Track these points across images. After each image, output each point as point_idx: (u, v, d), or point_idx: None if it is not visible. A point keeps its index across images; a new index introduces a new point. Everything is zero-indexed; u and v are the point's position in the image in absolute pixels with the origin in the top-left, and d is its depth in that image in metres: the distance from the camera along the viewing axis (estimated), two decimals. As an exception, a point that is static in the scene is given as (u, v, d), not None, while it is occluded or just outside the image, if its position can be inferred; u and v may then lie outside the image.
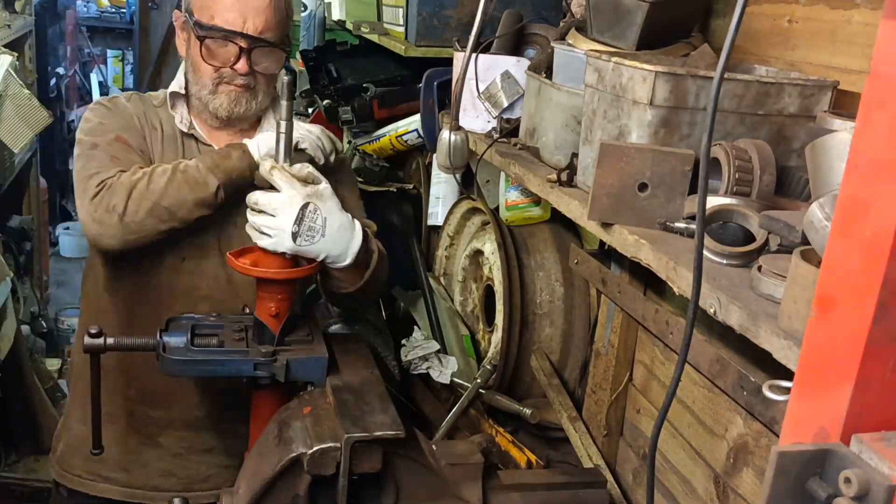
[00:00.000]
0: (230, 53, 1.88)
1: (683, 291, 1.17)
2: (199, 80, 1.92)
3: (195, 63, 1.91)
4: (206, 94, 1.92)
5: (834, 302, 0.71)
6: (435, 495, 1.59)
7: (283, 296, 1.69)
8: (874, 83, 0.68)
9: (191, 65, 1.94)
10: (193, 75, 1.94)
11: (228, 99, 1.92)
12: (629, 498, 2.00)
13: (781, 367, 0.98)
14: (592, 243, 2.22)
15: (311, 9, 4.07)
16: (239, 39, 1.86)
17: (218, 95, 1.92)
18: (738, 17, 0.93)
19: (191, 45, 1.92)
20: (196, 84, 1.93)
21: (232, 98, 1.92)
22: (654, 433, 1.18)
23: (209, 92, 1.92)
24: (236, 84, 1.91)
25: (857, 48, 1.43)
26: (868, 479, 0.63)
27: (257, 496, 1.48)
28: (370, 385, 1.66)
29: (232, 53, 1.88)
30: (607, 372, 2.05)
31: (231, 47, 1.87)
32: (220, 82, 1.91)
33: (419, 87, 2.36)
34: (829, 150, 1.14)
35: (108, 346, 1.66)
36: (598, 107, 1.49)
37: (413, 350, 2.53)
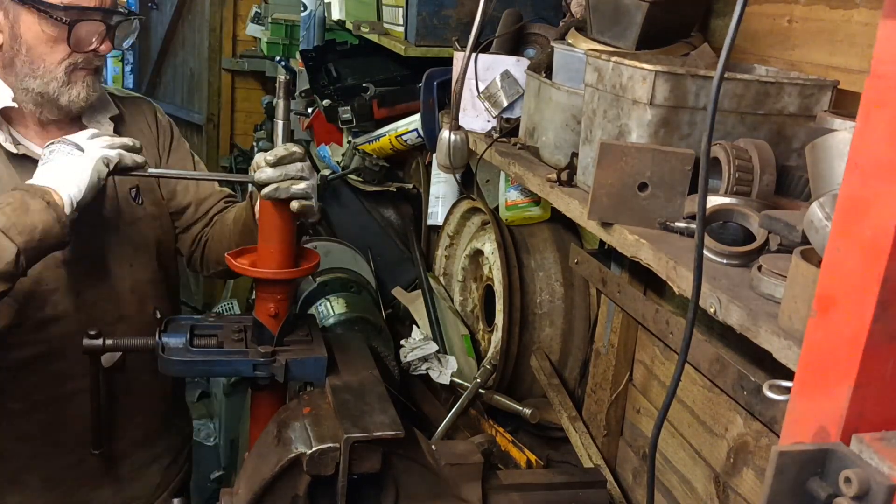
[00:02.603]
0: (92, 34, 1.63)
1: (683, 291, 1.17)
2: (44, 72, 1.63)
3: (36, 53, 1.61)
4: (55, 87, 1.64)
5: (834, 302, 0.71)
6: (435, 495, 1.59)
7: (282, 296, 1.69)
8: (874, 83, 0.68)
9: (25, 55, 1.62)
10: (31, 68, 1.63)
11: (85, 86, 1.67)
12: (629, 498, 2.00)
13: (781, 366, 0.98)
14: (592, 243, 2.22)
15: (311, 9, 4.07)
16: (101, 16, 1.63)
17: (73, 85, 1.65)
18: (738, 16, 0.93)
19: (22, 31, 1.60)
20: (38, 78, 1.63)
21: (89, 84, 1.67)
22: (654, 433, 1.18)
23: (61, 83, 1.64)
24: (91, 68, 1.67)
25: (857, 48, 1.43)
26: (868, 478, 0.63)
27: (257, 496, 1.48)
28: (370, 385, 1.66)
29: (94, 33, 1.63)
30: (607, 372, 2.05)
31: (94, 26, 1.63)
32: (74, 69, 1.65)
33: (419, 87, 2.36)
34: (829, 150, 1.14)
35: (107, 347, 1.66)
36: (598, 106, 1.49)
37: (412, 351, 2.53)
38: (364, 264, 3.09)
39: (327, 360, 1.68)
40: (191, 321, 1.73)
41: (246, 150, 6.27)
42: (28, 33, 1.61)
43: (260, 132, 5.86)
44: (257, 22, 5.83)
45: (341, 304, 2.73)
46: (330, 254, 2.97)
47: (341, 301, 2.74)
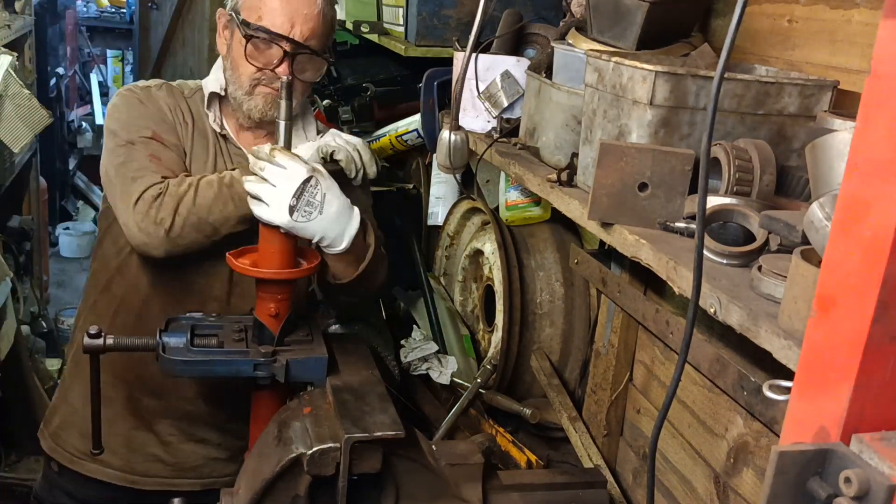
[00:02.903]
0: (273, 56, 1.87)
1: (683, 291, 1.17)
2: (237, 79, 1.92)
3: (235, 62, 1.91)
4: (241, 95, 1.92)
5: (834, 302, 0.71)
6: (435, 495, 1.59)
7: (282, 296, 1.69)
8: (874, 83, 0.68)
9: (230, 64, 1.93)
10: (232, 74, 1.93)
11: (264, 101, 1.91)
12: (629, 498, 2.00)
13: (781, 366, 0.98)
14: (592, 243, 2.22)
15: (311, 9, 4.06)
16: (284, 43, 1.85)
17: (254, 97, 1.91)
18: (738, 16, 0.93)
19: (233, 44, 1.92)
20: (233, 84, 1.93)
21: (268, 101, 1.91)
22: (654, 433, 1.18)
23: (245, 93, 1.91)
24: (274, 87, 1.89)
25: (857, 48, 1.43)
26: (868, 478, 0.63)
27: (257, 496, 1.48)
28: (370, 385, 1.66)
29: (275, 56, 1.87)
30: (607, 372, 2.05)
31: (275, 50, 1.87)
32: (257, 84, 1.90)
33: (419, 87, 2.36)
34: (829, 150, 1.14)
35: (107, 347, 1.66)
36: (598, 106, 1.49)
37: (412, 351, 2.53)
38: (364, 264, 3.09)
39: (328, 360, 1.69)
40: (191, 321, 1.73)
41: (246, 151, 6.25)
42: (234, 46, 1.91)
43: (260, 132, 5.85)
44: (257, 22, 5.82)
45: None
46: (330, 254, 2.96)
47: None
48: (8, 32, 4.47)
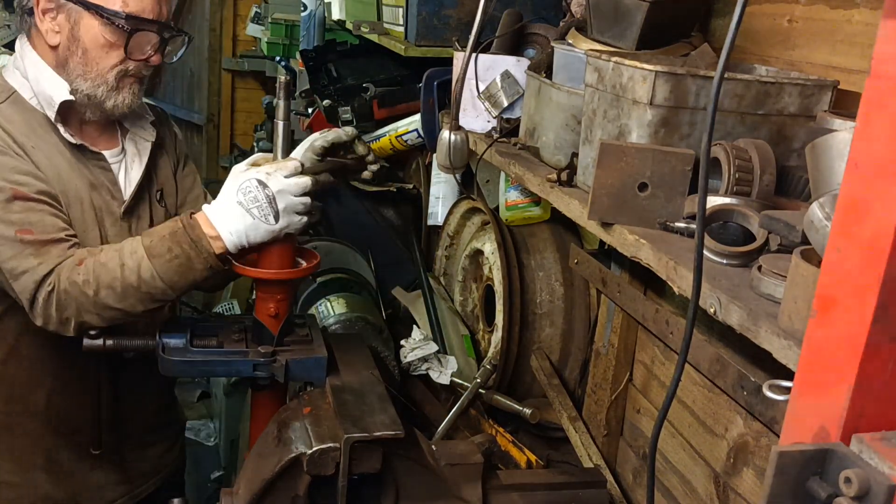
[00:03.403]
0: (146, 44, 1.70)
1: (683, 291, 1.17)
2: (95, 75, 1.69)
3: (91, 56, 1.68)
4: (104, 91, 1.70)
5: (834, 302, 0.71)
6: (435, 495, 1.59)
7: (282, 296, 1.69)
8: (874, 83, 0.68)
9: (80, 57, 1.68)
10: (84, 69, 1.69)
11: (132, 93, 1.73)
12: (629, 498, 2.00)
13: (781, 366, 0.98)
14: (592, 243, 2.22)
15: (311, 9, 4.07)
16: (157, 29, 1.69)
17: (121, 91, 1.72)
18: (738, 16, 0.93)
19: (80, 33, 1.67)
20: (89, 80, 1.69)
21: (135, 92, 1.74)
22: (654, 433, 1.18)
23: (110, 88, 1.70)
24: (140, 76, 1.73)
25: (857, 48, 1.43)
26: (868, 478, 0.63)
27: (257, 496, 1.48)
28: (370, 385, 1.66)
29: (148, 44, 1.70)
30: (607, 372, 2.05)
31: (149, 37, 1.69)
32: (124, 75, 1.71)
33: (419, 87, 2.36)
34: (829, 150, 1.14)
35: (107, 347, 1.66)
36: (598, 106, 1.49)
37: (412, 351, 2.53)
38: (364, 264, 3.09)
39: (327, 360, 1.69)
40: (191, 321, 1.73)
41: (246, 151, 6.26)
42: (86, 36, 1.67)
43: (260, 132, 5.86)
44: (257, 22, 5.83)
45: (341, 304, 2.73)
46: (330, 254, 2.97)
47: (341, 301, 2.74)
48: (8, 32, 4.47)
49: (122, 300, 1.60)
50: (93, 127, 1.81)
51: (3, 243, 1.59)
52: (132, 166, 1.86)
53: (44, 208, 1.64)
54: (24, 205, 1.61)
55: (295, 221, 1.62)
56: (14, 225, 1.59)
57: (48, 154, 1.71)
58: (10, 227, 1.59)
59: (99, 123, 1.81)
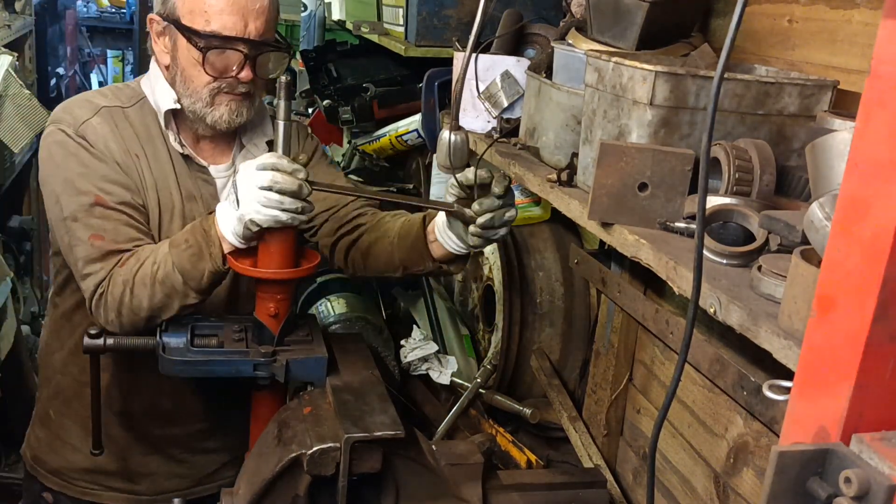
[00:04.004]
0: (231, 61, 1.72)
1: (683, 291, 1.17)
2: (192, 91, 1.75)
3: (187, 73, 1.74)
4: (201, 107, 1.76)
5: (834, 302, 0.71)
6: (435, 495, 1.59)
7: (282, 296, 1.69)
8: (874, 83, 0.68)
9: (180, 75, 1.76)
10: (185, 86, 1.76)
11: (229, 110, 1.77)
12: (629, 498, 2.00)
13: (781, 366, 0.98)
14: (592, 243, 2.22)
15: (311, 9, 4.08)
16: (241, 46, 1.71)
17: (217, 107, 1.76)
18: (738, 17, 0.93)
19: (178, 53, 1.74)
20: (188, 96, 1.76)
21: (233, 109, 1.77)
22: (654, 433, 1.18)
23: (206, 104, 1.76)
24: (236, 93, 1.76)
25: (857, 48, 1.43)
26: (868, 478, 0.63)
27: (257, 496, 1.48)
28: (370, 385, 1.66)
29: (234, 61, 1.72)
30: (607, 372, 2.05)
31: (232, 55, 1.71)
32: (217, 93, 1.75)
33: (419, 87, 2.36)
34: (829, 150, 1.14)
35: (107, 347, 1.66)
36: (598, 107, 1.49)
37: (412, 351, 2.53)
38: (364, 264, 3.09)
39: (328, 360, 1.69)
40: (191, 321, 1.73)
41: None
42: (182, 56, 1.74)
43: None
44: (257, 22, 5.82)
45: (341, 304, 2.73)
46: (330, 254, 2.96)
47: (341, 301, 2.74)
48: (8, 32, 4.47)
49: (151, 297, 1.64)
50: (208, 140, 1.87)
51: (78, 244, 1.69)
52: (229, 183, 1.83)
53: (121, 217, 1.70)
54: (103, 212, 1.69)
55: (262, 214, 1.57)
56: (91, 229, 1.68)
57: (155, 161, 1.79)
58: (88, 230, 1.68)
59: (214, 137, 1.87)
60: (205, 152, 1.87)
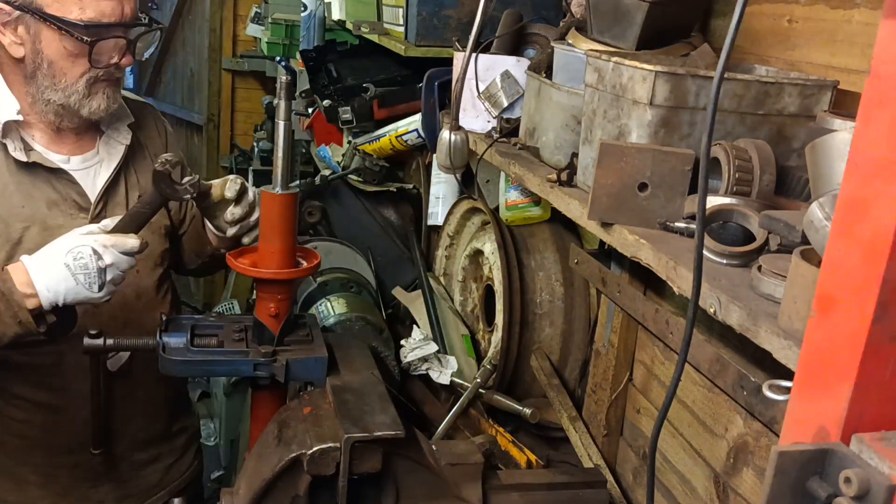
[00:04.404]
0: (111, 48, 1.64)
1: (683, 291, 1.17)
2: (65, 85, 1.65)
3: (58, 67, 1.63)
4: (77, 100, 1.66)
5: (834, 302, 0.71)
6: (435, 495, 1.59)
7: (282, 296, 1.69)
8: (874, 83, 0.68)
9: (46, 69, 1.64)
10: (51, 80, 1.65)
11: (106, 98, 1.69)
12: (629, 498, 2.00)
13: (781, 366, 0.98)
14: (592, 243, 2.22)
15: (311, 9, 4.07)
16: (122, 31, 1.62)
17: (94, 97, 1.67)
18: (738, 17, 0.93)
19: (42, 46, 1.61)
20: (58, 90, 1.65)
21: (109, 96, 1.69)
22: (654, 433, 1.18)
23: (82, 96, 1.66)
24: (112, 80, 1.68)
25: (857, 48, 1.43)
26: (868, 478, 0.63)
27: (257, 496, 1.48)
28: (370, 385, 1.66)
29: (114, 48, 1.64)
30: (607, 372, 2.05)
31: (113, 42, 1.63)
32: (95, 82, 1.67)
33: (419, 87, 2.36)
34: (829, 150, 1.14)
35: (107, 347, 1.66)
36: (598, 107, 1.49)
37: (412, 351, 2.53)
38: (364, 264, 3.09)
39: (328, 360, 1.69)
40: (191, 321, 1.73)
41: (246, 150, 6.26)
42: (49, 48, 1.62)
43: (260, 132, 5.86)
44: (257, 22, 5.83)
45: (341, 304, 2.73)
46: (330, 254, 2.97)
47: (341, 301, 2.74)
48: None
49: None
50: (71, 132, 1.77)
51: None
52: (100, 171, 1.81)
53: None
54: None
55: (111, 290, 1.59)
56: None
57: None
58: None
59: (75, 129, 1.77)
60: (68, 146, 1.78)
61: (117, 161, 1.83)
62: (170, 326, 1.70)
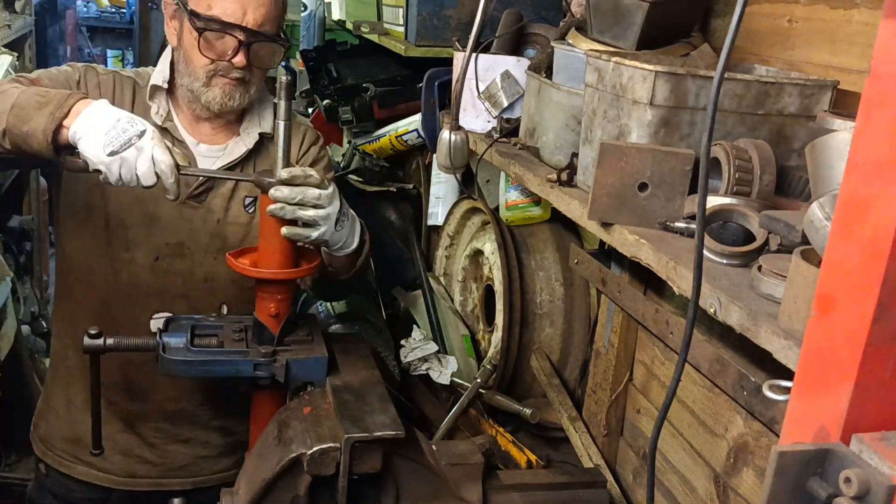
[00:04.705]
0: (227, 46, 1.81)
1: (683, 291, 1.17)
2: (192, 71, 1.85)
3: (188, 54, 1.84)
4: (198, 87, 1.85)
5: (834, 302, 0.71)
6: (435, 495, 1.59)
7: (282, 296, 1.69)
8: (874, 83, 0.68)
9: (183, 55, 1.86)
10: (185, 66, 1.86)
11: (222, 92, 1.85)
12: (629, 498, 2.00)
13: (781, 366, 0.98)
14: (592, 243, 2.22)
15: (311, 9, 4.07)
16: (238, 32, 1.79)
17: (211, 88, 1.85)
18: (738, 17, 0.93)
19: (183, 34, 1.85)
20: (188, 75, 1.86)
21: (226, 92, 1.85)
22: (654, 433, 1.18)
23: (202, 84, 1.85)
24: (231, 77, 1.84)
25: (857, 48, 1.43)
26: (868, 478, 0.63)
27: (257, 496, 1.48)
28: (370, 385, 1.66)
29: (230, 46, 1.81)
30: (607, 372, 2.05)
31: (229, 40, 1.80)
32: (214, 75, 1.84)
33: (419, 87, 2.36)
34: (829, 150, 1.14)
35: (107, 347, 1.66)
36: (598, 106, 1.49)
37: (412, 351, 2.53)
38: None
39: (328, 360, 1.69)
40: (191, 321, 1.73)
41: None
42: (185, 37, 1.84)
43: (260, 132, 5.84)
44: (257, 22, 5.82)
45: (341, 304, 2.73)
46: (330, 254, 2.96)
47: (341, 301, 2.74)
48: (8, 32, 4.47)
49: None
50: (207, 123, 1.95)
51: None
52: (216, 164, 1.94)
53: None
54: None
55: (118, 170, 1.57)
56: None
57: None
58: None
59: (213, 121, 1.94)
60: (202, 134, 1.96)
61: (232, 158, 1.95)
62: (170, 326, 1.70)
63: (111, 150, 1.56)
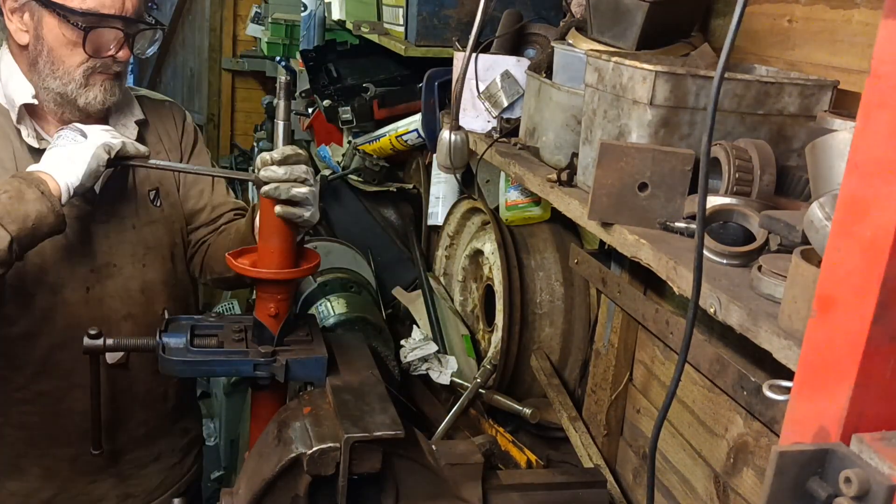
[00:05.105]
0: (109, 40, 1.67)
1: (683, 291, 1.17)
2: (63, 73, 1.67)
3: (56, 54, 1.66)
4: (73, 88, 1.68)
5: (834, 302, 0.71)
6: (435, 495, 1.59)
7: (282, 296, 1.69)
8: (874, 83, 0.68)
9: (46, 56, 1.67)
10: (51, 68, 1.67)
11: (103, 90, 1.70)
12: (629, 498, 2.00)
13: (781, 366, 0.98)
14: (592, 243, 2.22)
15: (311, 9, 4.08)
16: (120, 24, 1.66)
17: (91, 88, 1.69)
18: (738, 17, 0.93)
19: (44, 32, 1.65)
20: (57, 78, 1.68)
21: (107, 89, 1.71)
22: (654, 433, 1.18)
23: (79, 85, 1.68)
24: (110, 73, 1.70)
25: (857, 48, 1.43)
26: (868, 478, 0.63)
27: (257, 496, 1.48)
28: (370, 385, 1.66)
29: (111, 40, 1.67)
30: (607, 372, 2.05)
31: (110, 33, 1.66)
32: (92, 72, 1.69)
33: (419, 87, 2.36)
34: (829, 150, 1.14)
35: (107, 347, 1.66)
36: (598, 106, 1.49)
37: (412, 351, 2.53)
38: (364, 264, 3.09)
39: (327, 360, 1.69)
40: (191, 321, 1.73)
41: (246, 150, 6.27)
42: (49, 35, 1.65)
43: (260, 132, 5.86)
44: (257, 22, 5.84)
45: (341, 304, 2.73)
46: (330, 254, 2.97)
47: (341, 301, 2.74)
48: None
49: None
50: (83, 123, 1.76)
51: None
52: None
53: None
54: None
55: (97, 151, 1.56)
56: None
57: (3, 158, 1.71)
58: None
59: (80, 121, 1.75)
60: None
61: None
62: (170, 327, 1.70)
63: (82, 137, 1.55)
